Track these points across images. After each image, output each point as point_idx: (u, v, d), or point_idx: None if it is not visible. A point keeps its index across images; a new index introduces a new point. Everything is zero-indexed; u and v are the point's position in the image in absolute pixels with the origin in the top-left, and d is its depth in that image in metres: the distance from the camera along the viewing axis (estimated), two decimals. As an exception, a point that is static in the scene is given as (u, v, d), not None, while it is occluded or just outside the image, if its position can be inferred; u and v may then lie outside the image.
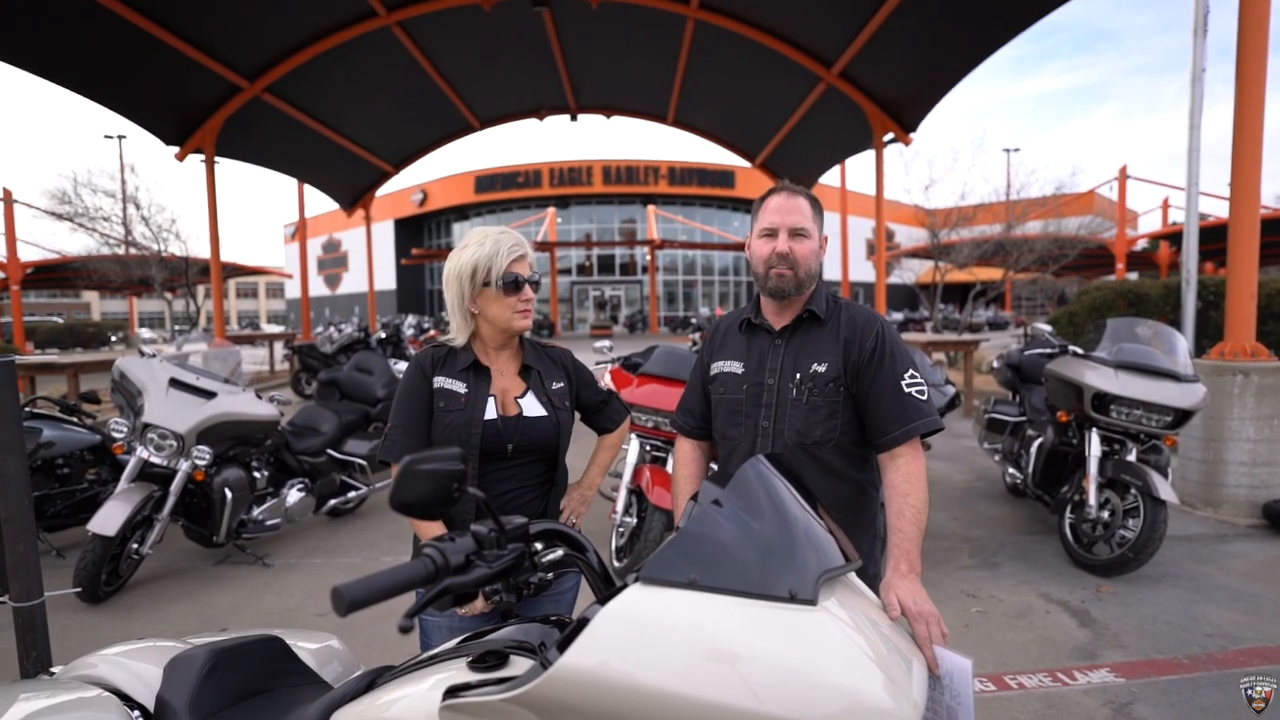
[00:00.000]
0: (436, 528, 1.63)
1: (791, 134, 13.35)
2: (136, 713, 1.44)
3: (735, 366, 1.71)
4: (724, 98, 13.46)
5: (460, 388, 1.72)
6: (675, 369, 4.15)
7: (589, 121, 15.09)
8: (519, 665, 1.08)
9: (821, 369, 1.60)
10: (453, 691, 0.98)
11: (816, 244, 1.67)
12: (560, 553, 1.05)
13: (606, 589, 1.06)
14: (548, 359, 1.87)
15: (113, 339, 28.12)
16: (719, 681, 0.83)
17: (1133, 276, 21.13)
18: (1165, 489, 3.71)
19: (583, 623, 0.98)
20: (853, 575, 1.11)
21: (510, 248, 1.71)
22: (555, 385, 1.81)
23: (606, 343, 4.79)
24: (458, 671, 1.12)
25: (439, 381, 1.73)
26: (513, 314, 1.73)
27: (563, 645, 0.89)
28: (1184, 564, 4.10)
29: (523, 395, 1.77)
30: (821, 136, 13.27)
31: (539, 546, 1.04)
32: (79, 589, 3.58)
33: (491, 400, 1.72)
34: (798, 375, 1.62)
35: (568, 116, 14.80)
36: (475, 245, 1.71)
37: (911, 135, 10.97)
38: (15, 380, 2.04)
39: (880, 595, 1.27)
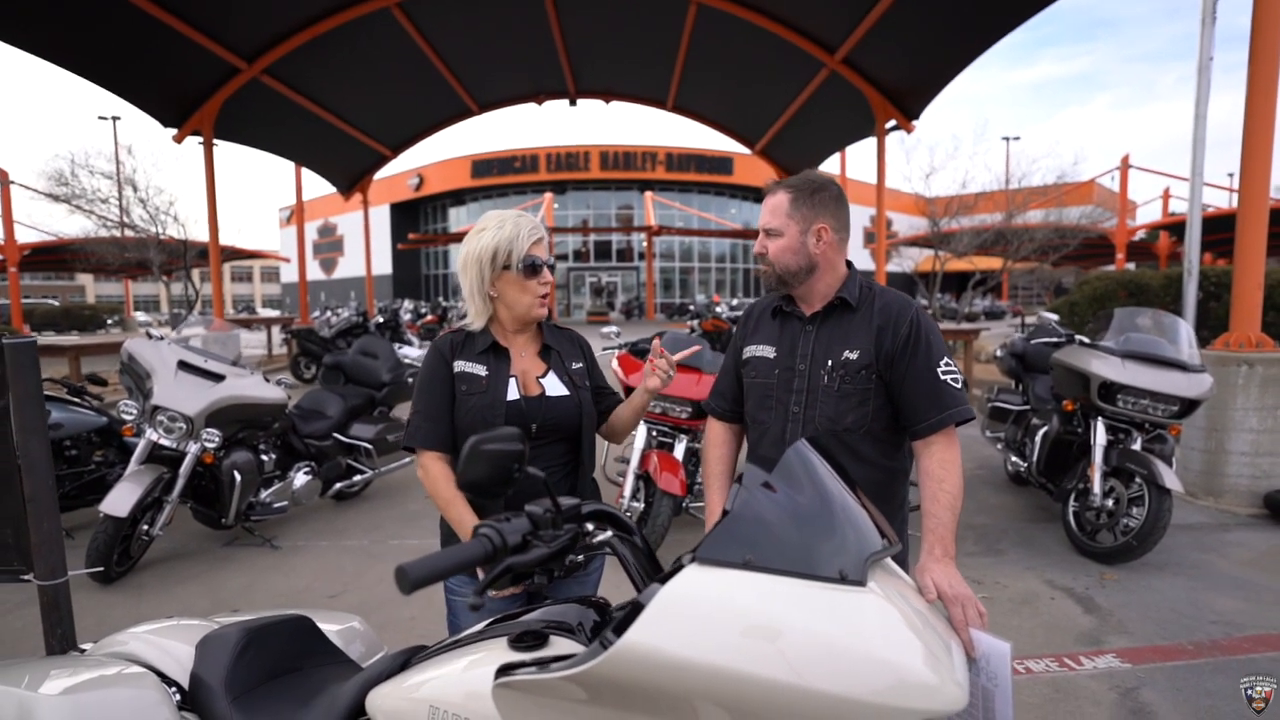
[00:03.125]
0: (468, 515, 1.64)
1: (792, 120, 13.29)
2: (173, 689, 1.46)
3: (767, 351, 1.72)
4: (725, 83, 13.38)
5: (481, 370, 1.72)
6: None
7: (587, 106, 14.98)
8: (560, 645, 1.10)
9: (853, 356, 1.60)
10: (505, 670, 0.99)
11: (792, 238, 1.65)
12: (609, 534, 1.06)
13: (653, 572, 1.08)
14: (566, 340, 1.88)
15: (109, 322, 27.99)
16: (773, 659, 0.85)
17: (1129, 267, 21.17)
18: (1170, 478, 3.74)
19: (638, 603, 1.00)
20: (889, 558, 1.13)
21: (530, 230, 1.72)
22: (575, 365, 1.82)
23: (614, 328, 4.79)
24: (499, 651, 1.13)
25: (459, 365, 1.73)
26: (532, 297, 1.74)
27: (620, 625, 0.91)
28: (1186, 552, 4.14)
29: (544, 375, 1.77)
30: (823, 123, 13.22)
31: (589, 527, 1.05)
32: (100, 569, 3.60)
33: (513, 381, 1.73)
34: (829, 362, 1.62)
35: (566, 101, 14.72)
36: (494, 228, 1.71)
37: (914, 123, 10.93)
38: (37, 361, 2.04)
39: (915, 579, 1.29)
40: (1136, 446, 4.09)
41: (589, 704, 0.92)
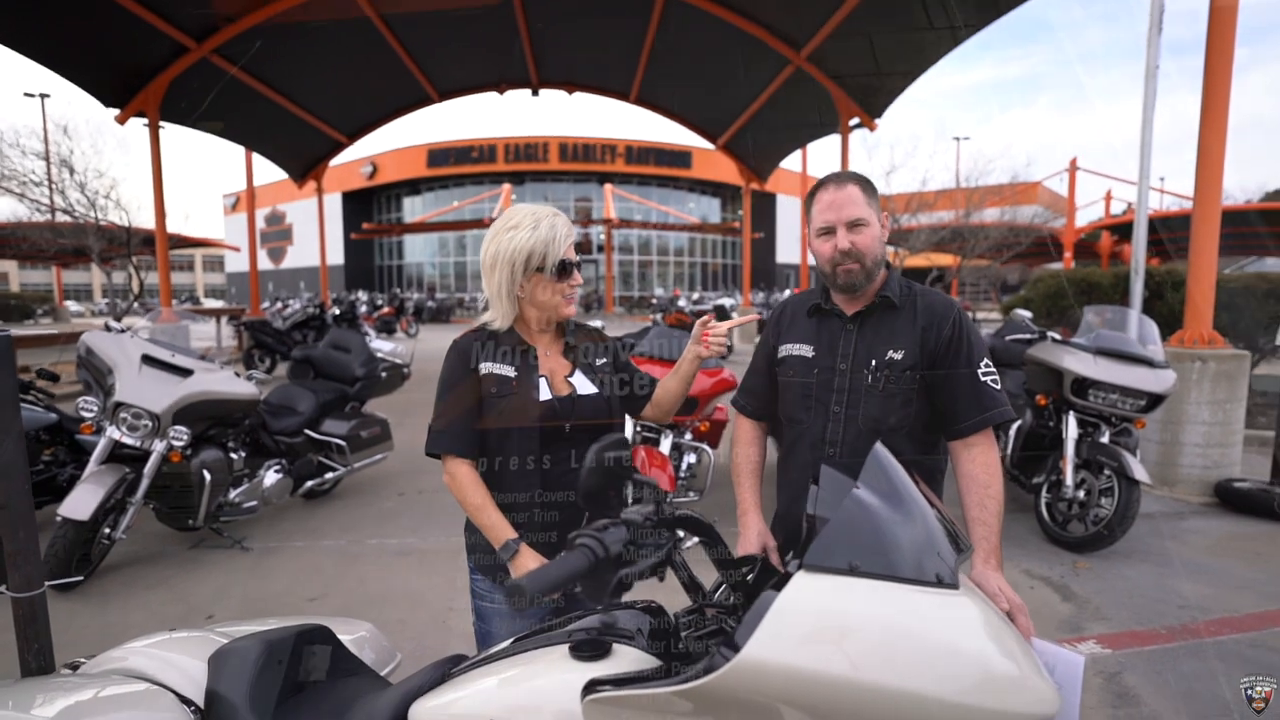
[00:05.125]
0: (500, 520, 1.59)
1: (756, 117, 13.38)
2: (190, 707, 1.37)
3: (805, 350, 1.70)
4: (689, 77, 13.36)
5: (509, 371, 1.67)
6: (671, 350, 4.14)
7: (546, 97, 14.77)
8: (626, 654, 1.07)
9: (898, 356, 1.60)
10: (594, 685, 0.96)
11: (877, 229, 1.63)
12: (695, 541, 1.04)
13: (737, 578, 1.06)
14: (587, 337, 1.84)
15: (39, 312, 26.51)
16: (883, 664, 0.85)
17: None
18: (1139, 470, 3.90)
19: (735, 611, 0.97)
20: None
21: (566, 234, 1.67)
22: (600, 361, 1.79)
23: (598, 323, 4.75)
24: (558, 660, 1.10)
25: (486, 367, 1.68)
26: (561, 299, 1.69)
27: (729, 638, 0.88)
28: (1148, 540, 4.32)
29: (571, 374, 1.74)
30: (786, 120, 13.35)
31: (680, 534, 1.02)
32: (79, 578, 3.47)
33: (543, 381, 1.69)
34: (872, 362, 1.61)
35: (529, 91, 14.50)
36: (529, 228, 1.64)
37: (877, 121, 11.13)
38: (13, 357, 1.89)
39: (980, 585, 1.30)
40: (1104, 439, 4.24)
41: (691, 716, 0.89)
